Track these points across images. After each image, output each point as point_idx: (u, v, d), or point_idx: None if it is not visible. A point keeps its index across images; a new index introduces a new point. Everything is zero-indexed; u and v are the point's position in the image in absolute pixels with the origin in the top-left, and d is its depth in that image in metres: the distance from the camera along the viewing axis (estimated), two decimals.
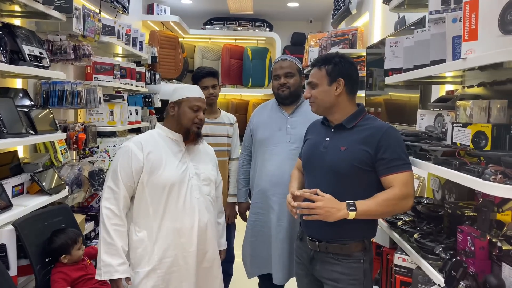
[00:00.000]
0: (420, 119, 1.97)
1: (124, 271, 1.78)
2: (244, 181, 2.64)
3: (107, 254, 1.77)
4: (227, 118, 2.87)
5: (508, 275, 1.24)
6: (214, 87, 2.77)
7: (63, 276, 1.98)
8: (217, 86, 2.80)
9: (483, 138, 1.37)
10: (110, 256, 1.77)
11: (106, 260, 1.77)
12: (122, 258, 1.79)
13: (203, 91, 2.70)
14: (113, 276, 1.76)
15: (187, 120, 1.93)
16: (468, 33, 1.26)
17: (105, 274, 1.77)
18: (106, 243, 1.78)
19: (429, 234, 1.71)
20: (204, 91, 2.73)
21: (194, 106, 1.94)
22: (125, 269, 1.79)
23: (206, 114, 2.77)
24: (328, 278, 1.73)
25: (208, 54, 6.52)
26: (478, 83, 1.76)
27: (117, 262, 1.77)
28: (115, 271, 1.76)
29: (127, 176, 1.82)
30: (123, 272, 1.78)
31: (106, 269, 1.77)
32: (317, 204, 1.61)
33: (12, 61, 2.04)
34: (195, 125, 1.94)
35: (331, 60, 1.76)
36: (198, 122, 1.95)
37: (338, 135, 1.76)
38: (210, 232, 1.97)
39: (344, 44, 4.00)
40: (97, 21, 3.05)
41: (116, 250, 1.78)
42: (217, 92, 2.80)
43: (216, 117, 2.83)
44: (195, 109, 1.94)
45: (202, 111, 1.97)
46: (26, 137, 2.06)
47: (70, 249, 2.05)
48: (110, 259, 1.77)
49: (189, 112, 1.94)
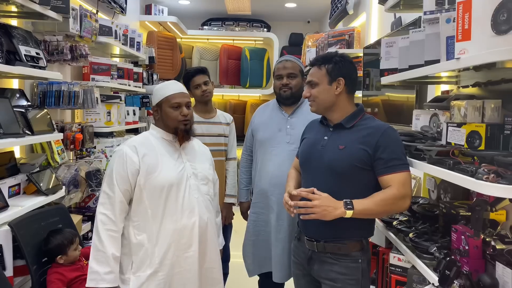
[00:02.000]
0: (415, 119, 1.97)
1: (110, 280, 1.73)
2: (246, 181, 2.65)
3: (95, 261, 1.73)
4: (224, 117, 2.86)
5: (502, 274, 1.25)
6: (206, 84, 2.74)
7: (59, 276, 1.98)
8: (208, 82, 2.76)
9: (477, 138, 1.37)
10: (98, 264, 1.73)
11: (93, 267, 1.73)
12: (110, 266, 1.73)
13: (195, 90, 2.74)
14: (98, 284, 1.71)
15: (171, 121, 1.88)
16: (462, 33, 1.27)
17: (91, 282, 1.72)
18: (96, 250, 1.75)
19: (424, 234, 1.72)
20: (196, 90, 2.74)
21: (174, 104, 1.88)
22: (112, 278, 1.73)
23: (202, 113, 2.78)
24: (326, 278, 1.74)
25: (206, 55, 6.52)
26: (473, 83, 1.77)
27: (104, 270, 1.72)
28: (101, 279, 1.71)
29: (123, 180, 1.79)
30: (109, 281, 1.72)
31: (92, 276, 1.72)
32: (314, 203, 1.61)
33: (8, 61, 2.04)
34: (181, 123, 1.88)
35: (332, 59, 1.76)
36: (183, 119, 1.89)
37: (336, 134, 1.76)
38: (211, 231, 1.94)
39: (341, 45, 4.01)
40: (94, 21, 3.05)
41: (105, 258, 1.73)
42: (211, 88, 2.76)
43: (212, 116, 2.81)
44: (176, 107, 1.88)
45: (184, 106, 1.90)
46: (23, 138, 2.06)
47: (66, 249, 2.04)
48: (97, 267, 1.72)
49: (171, 111, 1.88)
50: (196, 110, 2.77)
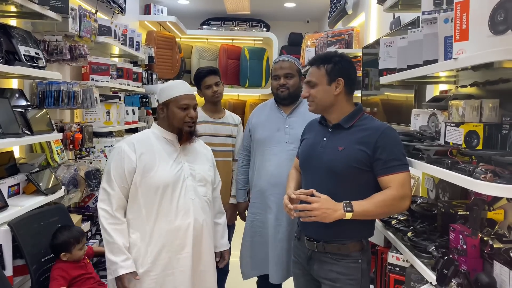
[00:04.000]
0: (414, 118, 1.98)
1: (128, 266, 1.78)
2: (243, 181, 2.64)
3: (111, 253, 1.79)
4: (232, 118, 2.86)
5: (499, 273, 1.25)
6: (217, 85, 2.75)
7: (62, 273, 1.98)
8: (220, 83, 2.77)
9: (475, 138, 1.38)
10: (114, 255, 1.78)
11: (111, 258, 1.79)
12: (125, 254, 1.79)
13: (206, 90, 2.75)
14: (118, 273, 1.77)
15: (177, 121, 1.89)
16: (459, 33, 1.27)
17: (111, 273, 1.78)
18: (108, 243, 1.80)
19: (422, 233, 1.72)
20: (207, 90, 2.74)
21: (183, 105, 1.88)
22: (129, 264, 1.79)
23: (211, 113, 2.79)
24: (325, 278, 1.73)
25: (205, 55, 6.52)
26: (471, 83, 1.77)
27: (121, 258, 1.78)
28: (120, 267, 1.77)
29: (120, 177, 1.81)
30: (127, 267, 1.78)
31: (112, 267, 1.78)
32: (313, 206, 1.60)
33: (7, 61, 2.04)
34: (186, 124, 1.90)
35: (331, 59, 1.74)
36: (190, 121, 1.90)
37: (335, 135, 1.76)
38: (206, 233, 1.94)
39: (340, 44, 4.01)
40: (93, 21, 3.05)
41: (118, 248, 1.78)
42: (221, 89, 2.77)
43: (221, 117, 2.81)
44: (184, 108, 1.89)
45: (192, 108, 1.91)
46: (22, 137, 2.06)
47: (71, 247, 2.04)
48: (114, 257, 1.78)
49: (178, 112, 1.89)
50: (205, 110, 2.79)
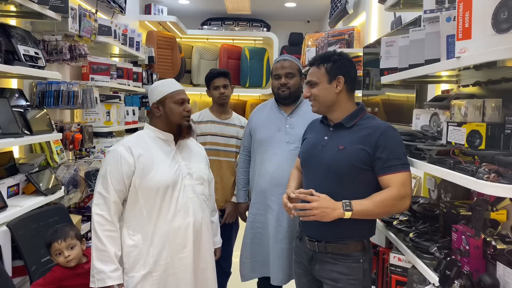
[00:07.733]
0: (416, 118, 1.97)
1: (117, 278, 1.75)
2: (244, 181, 2.63)
3: (99, 261, 1.75)
4: (239, 120, 2.90)
5: (503, 274, 1.24)
6: (226, 87, 2.81)
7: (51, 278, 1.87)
8: (228, 86, 2.83)
9: (478, 137, 1.37)
10: (103, 263, 1.74)
11: (99, 267, 1.74)
12: (115, 264, 1.76)
13: (214, 91, 2.82)
14: (106, 283, 1.73)
15: (177, 116, 1.90)
16: (462, 32, 1.26)
17: (99, 282, 1.74)
18: (98, 250, 1.75)
19: (424, 234, 1.71)
20: (215, 91, 2.81)
21: (179, 100, 1.90)
22: (118, 276, 1.76)
23: (217, 113, 2.85)
24: (327, 278, 1.73)
25: (206, 55, 6.51)
26: (473, 82, 1.76)
27: (110, 268, 1.74)
28: (108, 277, 1.73)
29: (117, 181, 1.79)
30: (116, 278, 1.75)
31: (99, 276, 1.74)
32: (313, 205, 1.60)
33: (7, 61, 2.03)
34: (185, 118, 1.92)
35: (330, 58, 1.75)
36: (187, 115, 1.93)
37: (336, 134, 1.76)
38: (205, 231, 1.95)
39: (341, 44, 4.00)
40: (93, 21, 3.04)
41: (109, 257, 1.74)
42: (229, 92, 2.83)
43: (227, 117, 2.85)
44: (180, 102, 1.91)
45: (187, 102, 1.94)
46: (22, 138, 2.06)
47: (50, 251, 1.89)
48: (103, 266, 1.74)
49: (176, 107, 1.90)
50: (212, 110, 2.86)
